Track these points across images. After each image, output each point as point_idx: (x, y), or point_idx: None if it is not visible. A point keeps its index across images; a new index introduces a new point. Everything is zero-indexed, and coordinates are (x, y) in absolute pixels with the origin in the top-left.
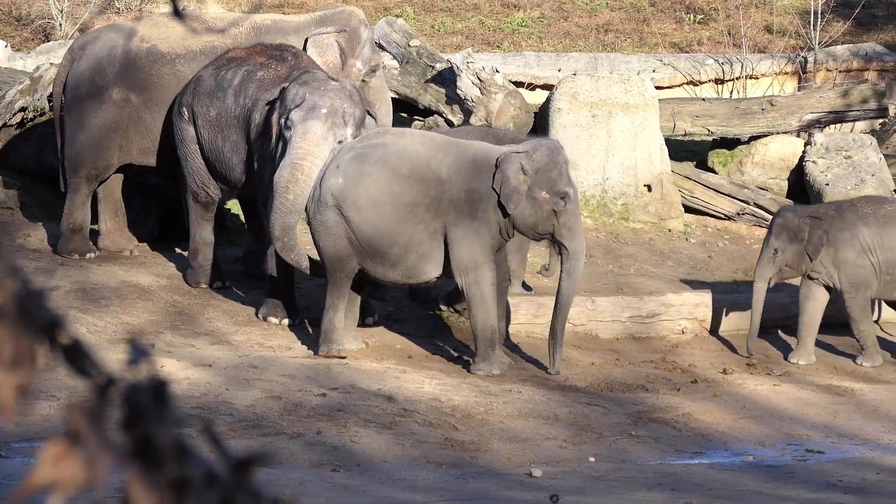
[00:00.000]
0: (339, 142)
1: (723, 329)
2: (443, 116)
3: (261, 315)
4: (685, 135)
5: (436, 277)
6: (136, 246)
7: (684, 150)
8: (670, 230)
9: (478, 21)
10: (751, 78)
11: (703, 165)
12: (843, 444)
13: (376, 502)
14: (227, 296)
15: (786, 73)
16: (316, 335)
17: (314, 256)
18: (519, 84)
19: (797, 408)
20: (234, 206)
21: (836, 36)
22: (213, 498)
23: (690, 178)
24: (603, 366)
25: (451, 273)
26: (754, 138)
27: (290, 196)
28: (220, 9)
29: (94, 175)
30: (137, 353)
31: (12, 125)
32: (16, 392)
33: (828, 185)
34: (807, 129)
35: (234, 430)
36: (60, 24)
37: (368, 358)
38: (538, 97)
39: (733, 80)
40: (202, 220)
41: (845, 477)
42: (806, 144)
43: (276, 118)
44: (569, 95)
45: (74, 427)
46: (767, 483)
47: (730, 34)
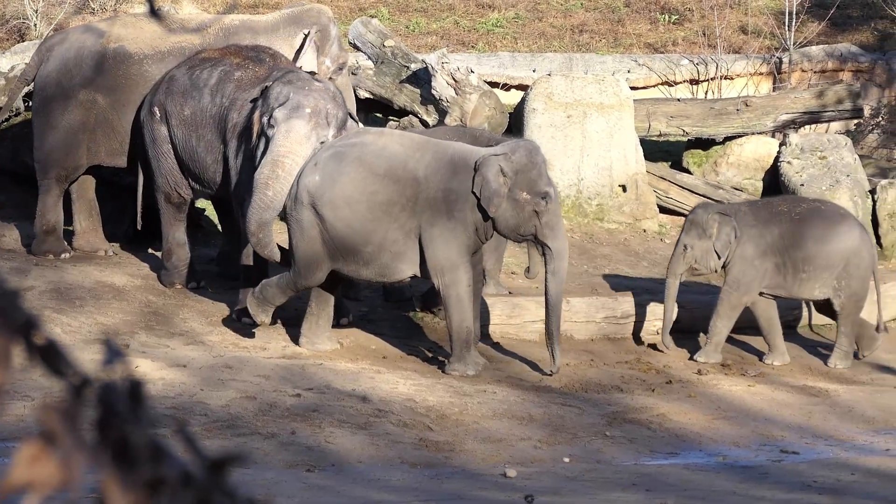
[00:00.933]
0: (322, 142)
1: (698, 330)
2: (418, 117)
3: (234, 315)
4: (660, 135)
5: (410, 277)
6: (111, 246)
7: (659, 151)
8: (645, 230)
9: (452, 21)
10: (726, 78)
11: (678, 166)
12: (818, 444)
13: (351, 502)
14: (201, 296)
15: (761, 74)
16: (293, 335)
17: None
18: (494, 84)
19: (772, 408)
20: (207, 206)
21: (811, 36)
22: (188, 498)
23: (665, 179)
24: (578, 366)
25: (427, 273)
26: (729, 139)
27: (269, 192)
28: (195, 9)
29: (63, 176)
30: (112, 353)
31: None
32: None
33: (803, 185)
34: (782, 129)
35: (209, 430)
36: (35, 25)
37: (343, 358)
38: (513, 97)
39: (708, 80)
40: (175, 220)
41: (820, 477)
42: (781, 145)
43: (259, 116)
44: (544, 96)
45: (49, 427)
46: (742, 484)
47: (705, 34)
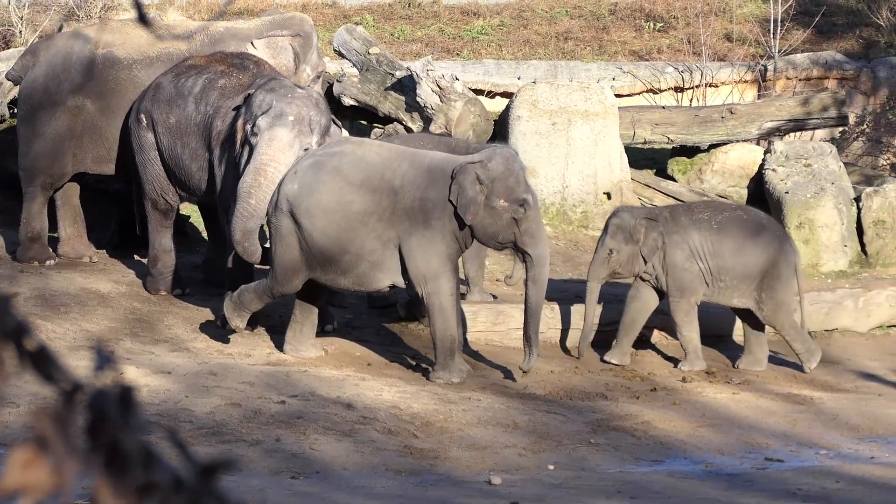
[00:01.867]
0: (305, 149)
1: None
2: (402, 124)
3: (219, 322)
4: (645, 142)
5: (388, 286)
6: (96, 252)
7: (644, 158)
8: None
9: (437, 29)
10: (710, 86)
11: (663, 173)
12: (803, 452)
13: None
14: (187, 303)
15: (746, 82)
16: (278, 343)
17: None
18: (479, 92)
19: (757, 416)
20: (193, 213)
21: (796, 44)
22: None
23: (650, 186)
24: (562, 374)
25: (409, 283)
26: (714, 146)
27: (252, 201)
28: (180, 16)
29: (49, 183)
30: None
31: None
32: None
33: (787, 193)
34: (766, 137)
35: (194, 437)
36: (20, 31)
37: (328, 365)
38: (498, 105)
39: (693, 88)
40: (161, 227)
41: (805, 485)
42: (766, 152)
43: (242, 124)
44: (528, 103)
45: (42, 432)
46: (727, 491)
47: (689, 42)
